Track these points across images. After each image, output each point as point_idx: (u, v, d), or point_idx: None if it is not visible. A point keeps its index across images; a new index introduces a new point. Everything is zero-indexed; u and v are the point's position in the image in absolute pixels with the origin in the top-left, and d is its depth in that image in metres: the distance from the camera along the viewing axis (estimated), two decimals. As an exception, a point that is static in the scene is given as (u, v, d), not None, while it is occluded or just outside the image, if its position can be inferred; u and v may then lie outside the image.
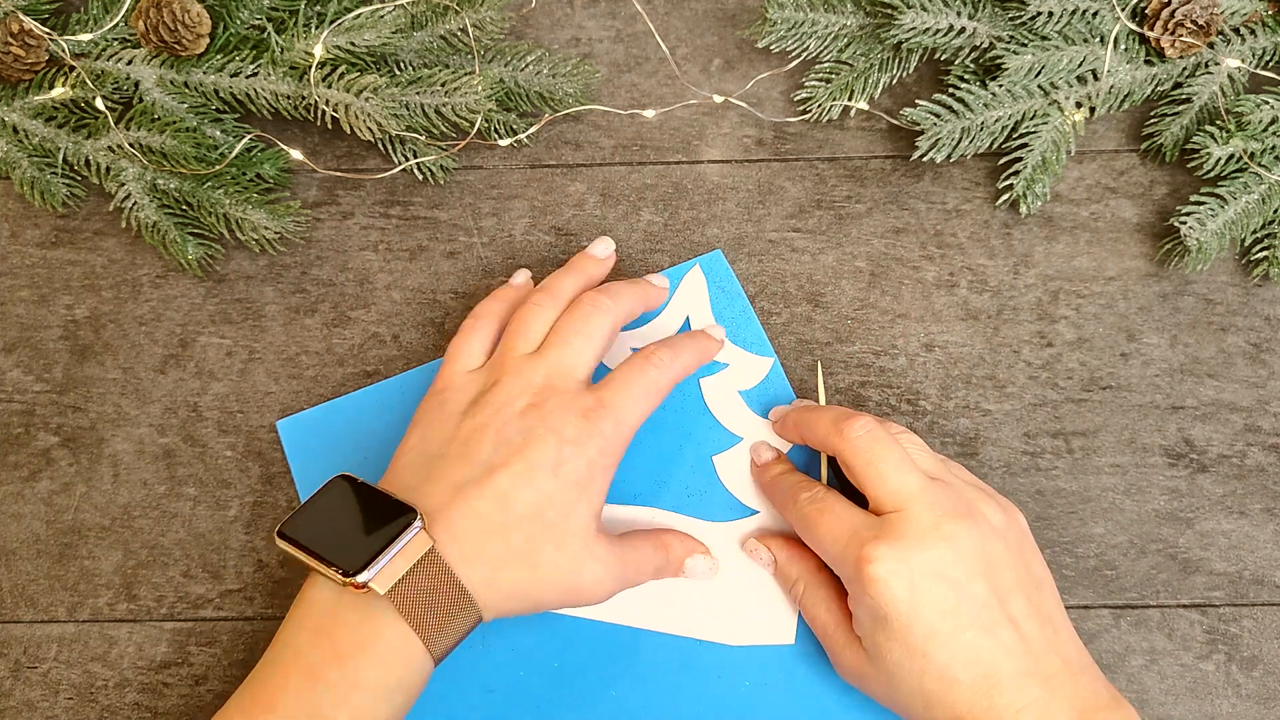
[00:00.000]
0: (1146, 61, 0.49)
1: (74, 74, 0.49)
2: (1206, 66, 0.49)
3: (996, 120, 0.48)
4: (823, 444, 0.41)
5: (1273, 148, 0.47)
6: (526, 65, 0.51)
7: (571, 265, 0.46)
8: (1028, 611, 0.36)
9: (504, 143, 0.51)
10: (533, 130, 0.51)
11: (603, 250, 0.47)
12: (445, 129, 0.49)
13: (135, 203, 0.49)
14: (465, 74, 0.48)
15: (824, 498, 0.39)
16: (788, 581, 0.42)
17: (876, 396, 0.47)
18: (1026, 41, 0.48)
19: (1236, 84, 0.49)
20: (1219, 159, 0.47)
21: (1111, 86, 0.49)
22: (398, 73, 0.50)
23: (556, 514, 0.37)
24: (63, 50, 0.49)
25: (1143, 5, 0.49)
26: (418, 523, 0.35)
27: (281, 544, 0.36)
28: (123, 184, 0.49)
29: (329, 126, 0.51)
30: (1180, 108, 0.49)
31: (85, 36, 0.49)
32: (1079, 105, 0.49)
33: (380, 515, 0.35)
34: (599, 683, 0.42)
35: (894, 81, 0.52)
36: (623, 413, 0.39)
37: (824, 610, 0.40)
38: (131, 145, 0.49)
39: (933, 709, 0.36)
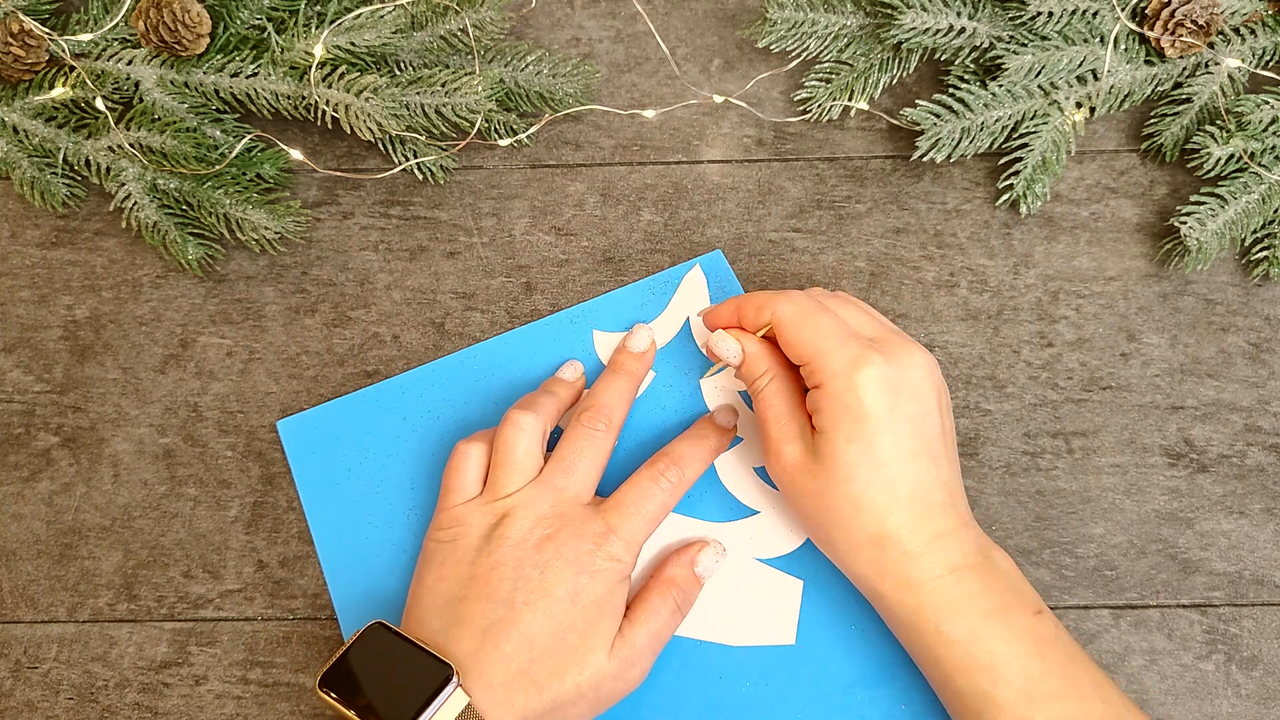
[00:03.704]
0: (1146, 61, 0.49)
1: (74, 74, 0.49)
2: (1206, 66, 0.49)
3: (996, 120, 0.48)
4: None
5: (1273, 148, 0.47)
6: (526, 65, 0.51)
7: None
8: (955, 458, 0.40)
9: (504, 143, 0.51)
10: (533, 130, 0.51)
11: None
12: (445, 129, 0.49)
13: (135, 203, 0.49)
14: (465, 74, 0.48)
15: (819, 301, 0.40)
16: (754, 374, 0.42)
17: (876, 396, 0.47)
18: (1026, 41, 0.48)
19: (1236, 84, 0.49)
20: (1219, 159, 0.47)
21: (1111, 86, 0.49)
22: (398, 73, 0.50)
23: (578, 637, 0.38)
24: (63, 50, 0.49)
25: (1143, 5, 0.49)
26: (454, 680, 0.36)
27: (323, 695, 0.37)
28: (123, 184, 0.49)
29: (329, 126, 0.51)
30: (1180, 108, 0.49)
31: (85, 36, 0.49)
32: (1079, 105, 0.49)
33: (416, 670, 0.36)
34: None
35: (894, 81, 0.52)
36: (632, 534, 0.40)
37: (783, 401, 0.40)
38: (131, 145, 0.49)
39: (864, 518, 0.37)
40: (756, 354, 0.41)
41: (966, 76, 0.50)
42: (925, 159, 0.49)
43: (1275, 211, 0.47)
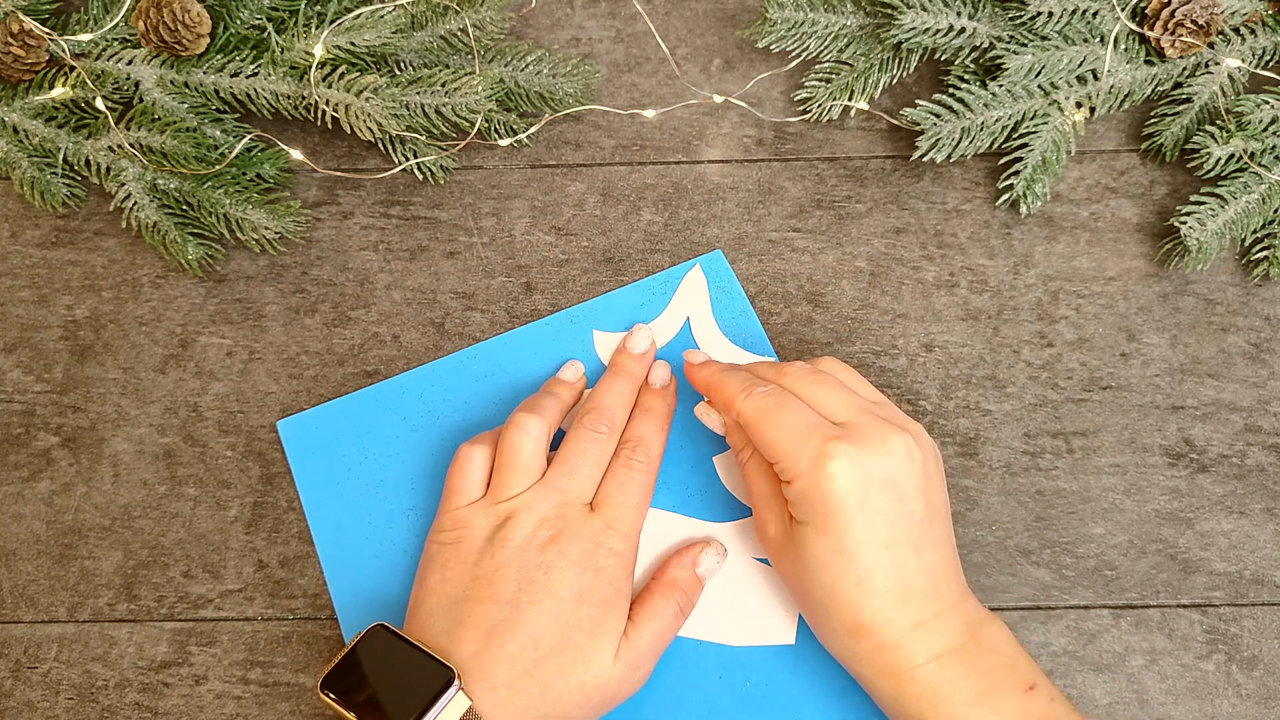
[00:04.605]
0: (1146, 61, 0.49)
1: (74, 74, 0.49)
2: (1206, 66, 0.49)
3: (996, 120, 0.48)
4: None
5: (1273, 147, 0.47)
6: (526, 65, 0.51)
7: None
8: (944, 537, 0.38)
9: (504, 143, 0.51)
10: (533, 130, 0.51)
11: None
12: (445, 129, 0.49)
13: (135, 203, 0.49)
14: (465, 74, 0.48)
15: (782, 392, 0.39)
16: (736, 448, 0.42)
17: (876, 396, 0.47)
18: (1026, 41, 0.48)
19: (1236, 84, 0.49)
20: (1219, 159, 0.47)
21: (1111, 86, 0.49)
22: (398, 73, 0.50)
23: (584, 636, 0.38)
24: (63, 50, 0.49)
25: (1143, 5, 0.49)
26: (456, 683, 0.36)
27: (324, 697, 0.37)
28: (123, 184, 0.49)
29: (329, 126, 0.51)
30: (1180, 108, 0.49)
31: (85, 36, 0.49)
32: (1079, 105, 0.49)
33: (418, 672, 0.36)
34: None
35: (894, 81, 0.52)
36: (628, 525, 0.41)
37: (764, 480, 0.40)
38: (131, 145, 0.49)
39: (839, 609, 0.37)
40: (734, 428, 0.41)
41: (966, 76, 0.50)
42: (925, 159, 0.49)
43: (1275, 211, 0.47)
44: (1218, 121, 0.49)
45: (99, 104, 0.48)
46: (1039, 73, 0.48)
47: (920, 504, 0.37)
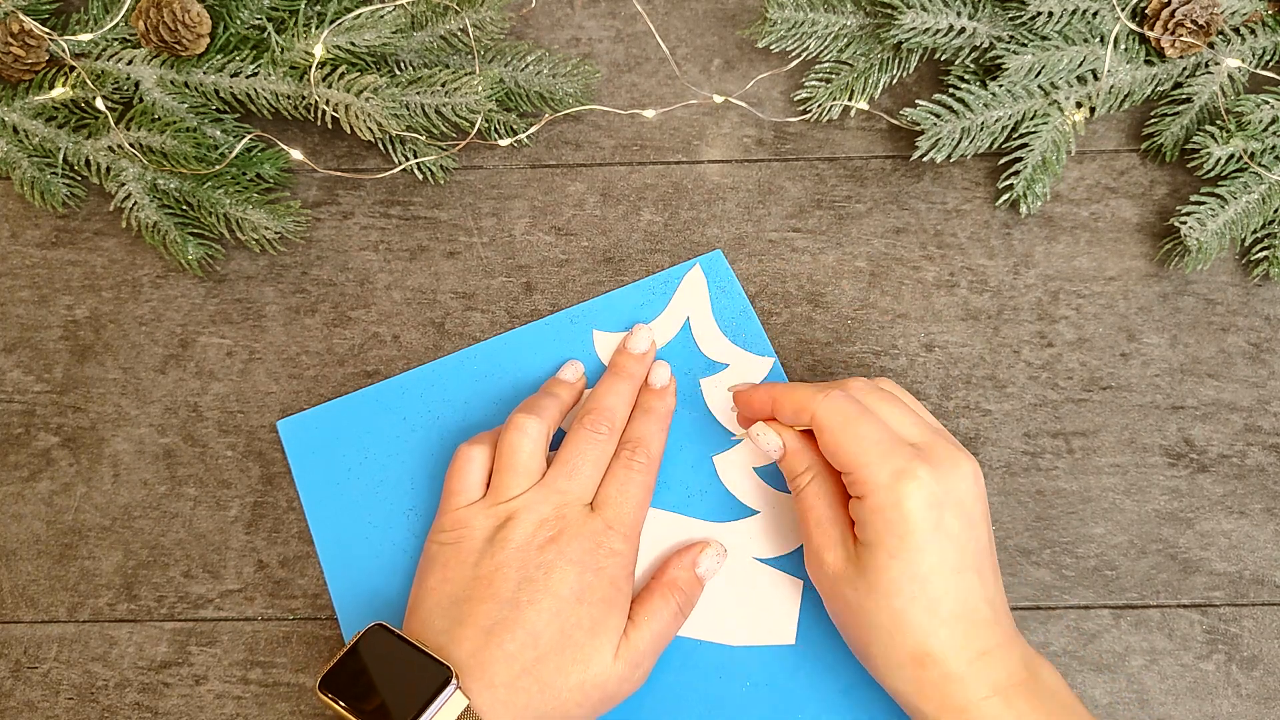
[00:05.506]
0: (1146, 61, 0.49)
1: (74, 74, 0.49)
2: (1206, 66, 0.49)
3: (996, 120, 0.48)
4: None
5: (1273, 147, 0.47)
6: (526, 65, 0.51)
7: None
8: (997, 568, 0.38)
9: (504, 143, 0.51)
10: (533, 130, 0.51)
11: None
12: (445, 129, 0.49)
13: (135, 203, 0.49)
14: (465, 74, 0.48)
15: (859, 401, 0.38)
16: (795, 471, 0.40)
17: (876, 396, 0.47)
18: (1026, 41, 0.48)
19: (1236, 84, 0.49)
20: (1219, 159, 0.47)
21: (1111, 86, 0.49)
22: (398, 73, 0.50)
23: (584, 634, 0.38)
24: (63, 50, 0.49)
25: (1143, 5, 0.49)
26: (453, 682, 0.36)
27: (323, 697, 0.37)
28: (123, 184, 0.49)
29: (329, 126, 0.51)
30: (1180, 108, 0.49)
31: (85, 36, 0.49)
32: (1079, 105, 0.49)
33: (416, 671, 0.36)
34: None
35: (894, 81, 0.52)
36: (629, 526, 0.41)
37: (824, 505, 0.39)
38: (131, 145, 0.49)
39: (905, 635, 0.36)
40: (798, 450, 0.40)
41: (966, 76, 0.50)
42: (925, 159, 0.49)
43: (1275, 211, 0.47)
44: (1218, 121, 0.49)
45: (99, 104, 0.48)
46: (1039, 73, 0.48)
47: (984, 530, 0.37)
